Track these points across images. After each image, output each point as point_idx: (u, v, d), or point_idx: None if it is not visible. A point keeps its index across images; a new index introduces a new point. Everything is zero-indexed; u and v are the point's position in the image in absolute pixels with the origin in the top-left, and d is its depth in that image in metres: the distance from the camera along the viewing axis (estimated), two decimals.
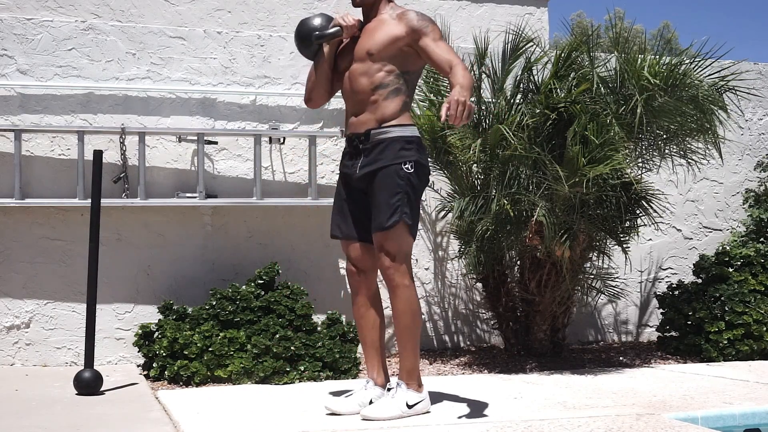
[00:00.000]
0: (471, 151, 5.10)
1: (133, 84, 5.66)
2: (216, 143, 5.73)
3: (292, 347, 5.02)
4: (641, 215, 5.48)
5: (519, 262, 5.65)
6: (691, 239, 6.87)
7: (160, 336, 5.14)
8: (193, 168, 5.69)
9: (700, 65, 5.30)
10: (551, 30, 7.52)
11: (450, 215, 5.61)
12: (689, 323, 5.85)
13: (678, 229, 6.83)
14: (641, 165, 5.53)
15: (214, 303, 5.22)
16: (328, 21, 4.03)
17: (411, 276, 3.89)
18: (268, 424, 3.76)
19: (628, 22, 22.30)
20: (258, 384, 4.88)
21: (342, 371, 5.07)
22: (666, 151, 5.49)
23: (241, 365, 4.91)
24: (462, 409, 4.00)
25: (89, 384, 4.53)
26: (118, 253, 5.56)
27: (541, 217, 4.95)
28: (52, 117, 5.51)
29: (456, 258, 6.06)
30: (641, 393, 4.46)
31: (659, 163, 5.60)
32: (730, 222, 6.97)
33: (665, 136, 5.40)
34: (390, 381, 4.02)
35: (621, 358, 5.87)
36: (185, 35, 5.79)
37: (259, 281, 5.37)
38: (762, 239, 6.60)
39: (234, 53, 5.85)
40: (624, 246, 5.47)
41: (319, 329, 5.28)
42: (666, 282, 6.68)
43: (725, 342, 5.63)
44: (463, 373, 5.31)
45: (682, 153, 5.51)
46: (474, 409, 4.00)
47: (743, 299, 5.77)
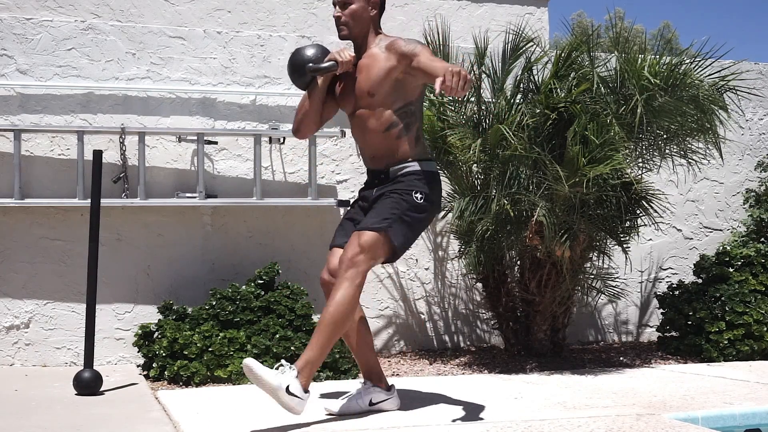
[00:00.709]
0: (471, 151, 5.10)
1: (133, 84, 5.65)
2: (216, 143, 5.73)
3: (292, 347, 5.01)
4: (641, 215, 5.48)
5: (519, 262, 5.65)
6: (692, 239, 6.86)
7: (159, 336, 5.14)
8: (193, 168, 5.69)
9: (700, 65, 5.30)
10: (551, 30, 7.52)
11: (450, 215, 5.61)
12: (689, 323, 5.85)
13: (678, 229, 6.82)
14: (641, 165, 5.52)
15: (214, 303, 5.22)
16: (323, 53, 4.01)
17: (363, 282, 3.74)
18: (268, 424, 3.75)
19: (628, 22, 22.29)
20: None
21: (342, 371, 5.07)
22: (666, 151, 5.48)
23: (241, 365, 4.91)
24: (462, 410, 4.00)
25: (89, 384, 4.52)
26: (117, 253, 5.56)
27: (541, 217, 4.94)
28: (51, 117, 5.51)
29: (456, 258, 6.05)
30: (641, 393, 4.45)
31: (659, 163, 5.60)
32: (730, 222, 6.96)
33: (665, 136, 5.39)
34: (387, 381, 4.03)
35: (621, 358, 5.86)
36: (185, 35, 5.78)
37: (259, 281, 5.37)
38: (762, 239, 6.59)
39: (234, 53, 5.85)
40: (624, 246, 5.47)
41: None
42: (666, 282, 6.68)
43: (726, 342, 5.63)
44: (463, 374, 5.30)
45: (682, 153, 5.50)
46: (474, 410, 4.00)
47: (744, 299, 5.76)
